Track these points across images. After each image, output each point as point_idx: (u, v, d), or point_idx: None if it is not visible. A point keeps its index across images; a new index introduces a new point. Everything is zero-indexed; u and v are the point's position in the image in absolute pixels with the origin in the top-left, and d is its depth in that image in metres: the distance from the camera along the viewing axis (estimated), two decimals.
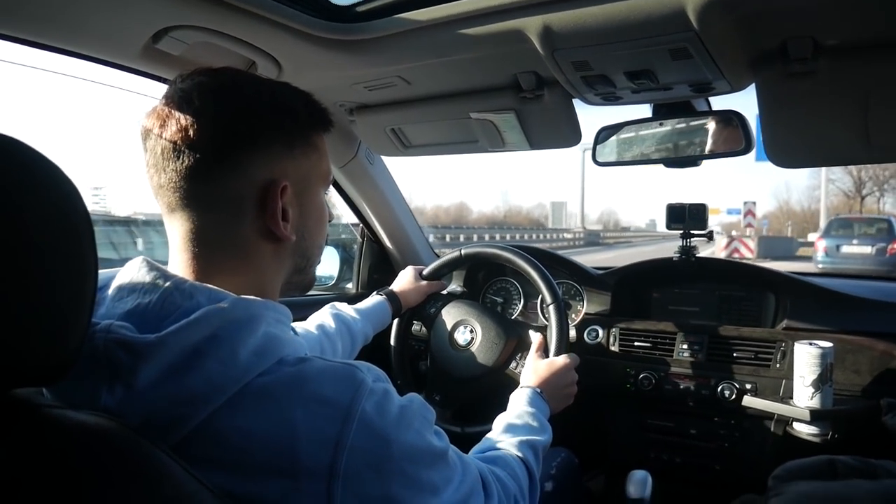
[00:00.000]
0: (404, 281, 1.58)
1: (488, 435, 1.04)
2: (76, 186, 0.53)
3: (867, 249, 13.06)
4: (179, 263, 0.70)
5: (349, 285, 2.09)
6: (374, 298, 1.49)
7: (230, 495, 0.56)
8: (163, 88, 0.73)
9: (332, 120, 0.78)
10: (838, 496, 0.44)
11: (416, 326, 1.62)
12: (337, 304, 1.38)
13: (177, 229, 0.70)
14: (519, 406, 1.13)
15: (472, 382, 1.47)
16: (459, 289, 1.71)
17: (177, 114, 0.67)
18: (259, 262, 0.72)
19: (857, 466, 0.49)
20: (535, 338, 1.45)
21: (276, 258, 0.74)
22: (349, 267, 2.09)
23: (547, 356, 1.35)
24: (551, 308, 1.40)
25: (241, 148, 0.68)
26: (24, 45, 1.04)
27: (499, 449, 0.97)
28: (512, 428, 1.05)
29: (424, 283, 1.59)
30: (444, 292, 1.64)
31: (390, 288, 1.56)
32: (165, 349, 0.59)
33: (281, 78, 1.25)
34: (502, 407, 1.20)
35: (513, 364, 1.45)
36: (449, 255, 1.60)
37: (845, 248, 13.31)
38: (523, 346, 1.47)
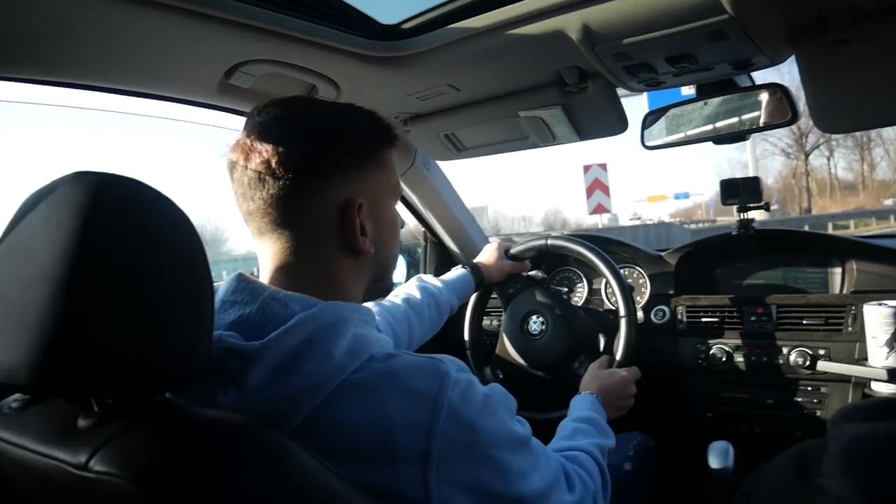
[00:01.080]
0: (489, 255, 1.62)
1: (557, 437, 1.08)
2: (186, 214, 0.62)
3: None
4: (271, 280, 0.78)
5: None
6: (458, 271, 1.54)
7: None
8: (237, 120, 0.82)
9: (396, 135, 0.85)
10: (893, 434, 0.47)
11: (487, 321, 1.66)
12: (423, 276, 1.45)
13: (266, 250, 0.78)
14: (583, 411, 1.16)
15: (535, 372, 1.53)
16: (541, 274, 1.74)
17: (258, 146, 0.74)
18: (342, 276, 0.79)
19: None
20: (601, 343, 1.49)
21: (356, 271, 0.81)
22: (416, 271, 2.17)
23: (610, 366, 1.38)
24: (623, 321, 1.43)
25: (319, 173, 0.75)
26: (104, 93, 1.16)
27: (573, 449, 1.01)
28: (580, 431, 1.09)
29: (508, 262, 1.62)
30: (525, 274, 1.68)
31: (475, 260, 1.60)
32: (269, 354, 0.67)
33: (340, 97, 1.34)
34: (557, 400, 1.24)
35: (575, 364, 1.50)
36: (536, 239, 1.64)
37: None
38: (589, 348, 1.51)
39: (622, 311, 1.45)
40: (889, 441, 0.46)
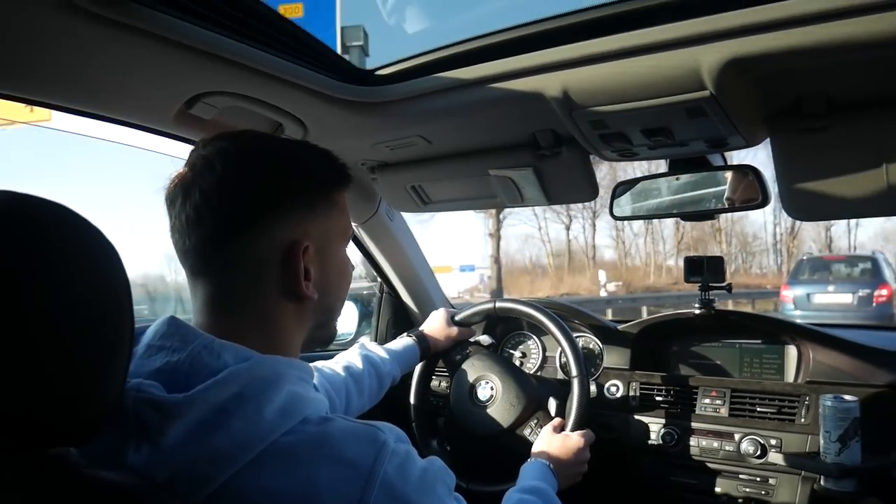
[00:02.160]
0: (435, 323, 1.58)
1: None
2: (116, 249, 0.56)
3: (847, 298, 9.91)
4: (204, 325, 0.71)
5: (366, 340, 2.10)
6: (404, 340, 1.49)
7: None
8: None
9: (351, 176, 0.81)
10: None
11: (436, 381, 1.61)
12: (367, 343, 1.39)
13: (201, 292, 0.72)
14: (531, 480, 1.13)
15: (484, 440, 1.46)
16: (488, 339, 1.70)
17: (200, 181, 0.70)
18: (282, 321, 0.74)
19: None
20: (553, 407, 1.45)
21: (297, 316, 0.75)
22: (367, 322, 2.10)
23: (563, 430, 1.35)
24: (575, 381, 1.40)
25: (265, 212, 0.71)
26: (62, 111, 1.09)
27: None
28: (525, 503, 1.06)
29: (454, 329, 1.58)
30: (472, 340, 1.64)
31: (420, 329, 1.56)
32: (193, 408, 0.61)
33: (306, 138, 1.29)
34: (509, 469, 1.20)
35: (527, 430, 1.44)
36: (482, 304, 1.61)
37: (819, 298, 10.14)
38: (541, 413, 1.46)
39: (573, 372, 1.41)
40: None
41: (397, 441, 0.68)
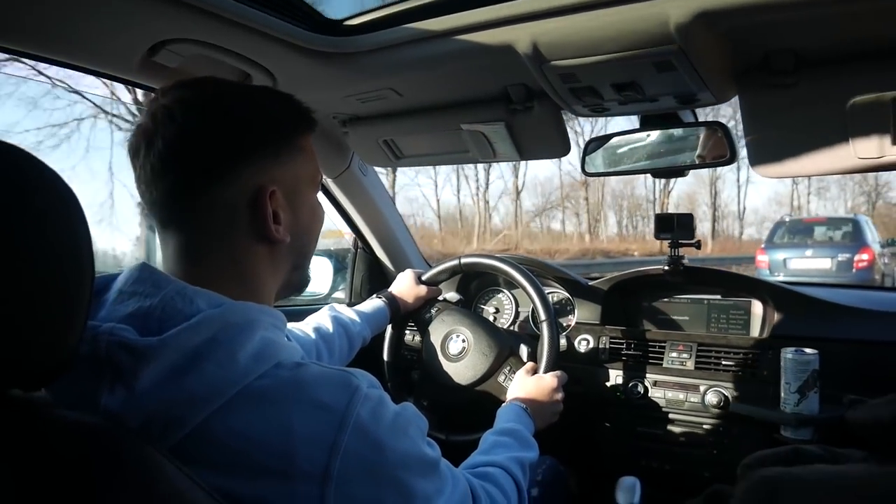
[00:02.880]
0: (403, 284, 1.59)
1: (476, 451, 1.06)
2: (73, 190, 0.55)
3: (826, 263, 9.37)
4: (176, 274, 0.71)
5: (341, 295, 2.11)
6: (373, 301, 1.50)
7: (226, 496, 0.58)
8: None
9: (315, 119, 0.80)
10: (796, 476, 0.47)
11: (409, 336, 1.63)
12: (336, 305, 1.39)
13: (171, 243, 0.72)
14: (506, 422, 1.15)
15: (460, 392, 1.49)
16: (456, 296, 1.72)
17: (162, 130, 0.69)
18: (255, 266, 0.74)
19: (820, 454, 0.51)
20: (524, 353, 1.48)
21: (272, 259, 0.76)
22: (342, 277, 2.10)
23: (536, 373, 1.37)
24: (544, 325, 1.43)
25: (229, 160, 0.70)
26: (23, 57, 1.06)
27: (488, 465, 0.99)
28: (500, 444, 1.07)
29: (423, 287, 1.60)
30: (441, 298, 1.66)
31: (389, 290, 1.57)
32: (167, 351, 0.61)
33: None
34: (487, 417, 1.22)
35: (501, 377, 1.47)
36: (448, 262, 1.62)
37: (796, 263, 9.57)
38: (513, 359, 1.49)
39: (542, 316, 1.44)
40: (785, 482, 0.45)
41: (370, 386, 0.68)
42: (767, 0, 0.84)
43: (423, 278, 1.62)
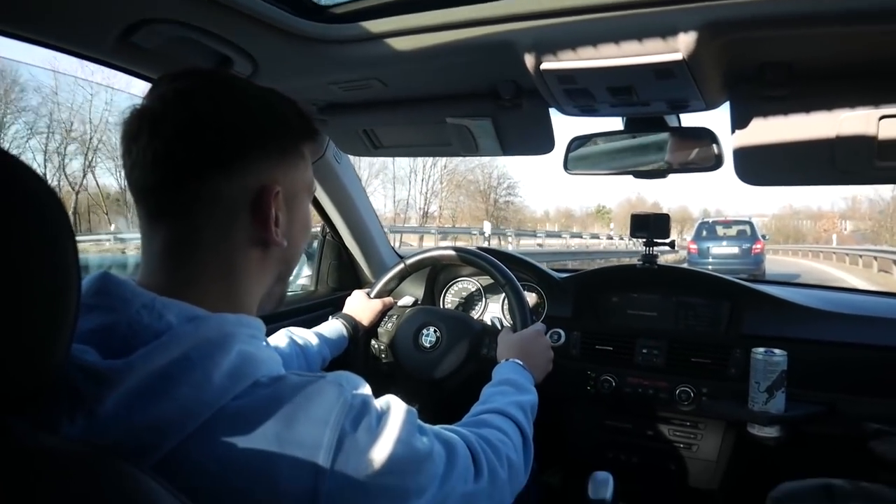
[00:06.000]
0: (355, 303, 1.56)
1: (476, 405, 1.03)
2: (57, 194, 0.50)
3: (735, 250, 14.98)
4: (156, 272, 0.67)
5: (306, 282, 2.07)
6: (330, 322, 1.47)
7: None
8: (138, 84, 0.70)
9: (318, 130, 0.78)
10: None
11: (376, 345, 1.59)
12: (292, 328, 1.34)
13: (160, 235, 0.67)
14: (501, 375, 1.13)
15: (444, 382, 1.47)
16: (411, 299, 1.70)
17: (173, 114, 0.65)
18: (245, 270, 0.71)
19: (852, 491, 0.51)
20: (499, 323, 1.48)
21: (261, 265, 0.73)
22: (309, 265, 2.06)
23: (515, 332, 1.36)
24: (507, 288, 1.44)
25: (240, 152, 0.67)
26: None
27: (486, 412, 0.97)
28: (497, 393, 1.06)
29: (376, 301, 1.58)
30: (399, 305, 1.64)
31: (344, 311, 1.54)
32: (134, 374, 0.56)
33: (257, 75, 1.21)
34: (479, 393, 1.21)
35: (483, 350, 1.46)
36: (392, 269, 1.61)
37: (715, 250, 15.11)
38: (489, 334, 1.48)
39: (501, 281, 1.46)
40: None
41: (354, 391, 0.65)
42: (773, 14, 0.84)
43: (372, 293, 1.60)
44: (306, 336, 1.33)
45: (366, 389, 0.68)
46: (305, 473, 0.58)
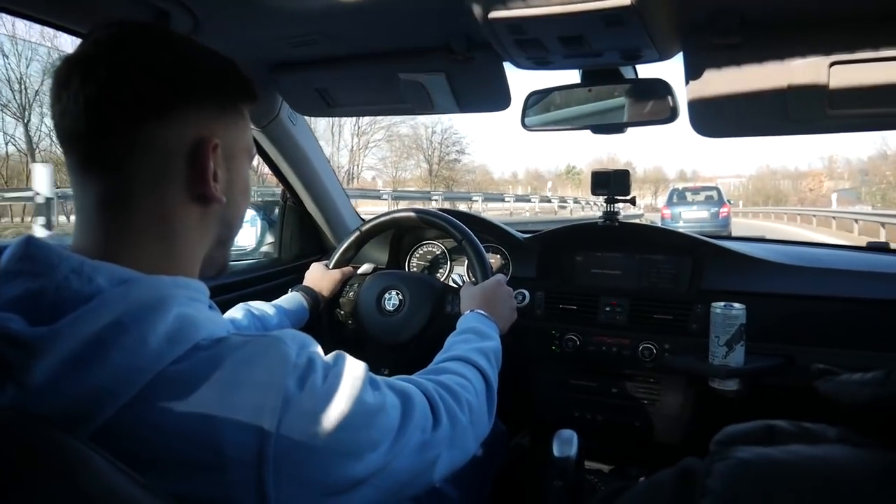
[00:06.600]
0: (314, 274, 1.55)
1: (437, 355, 1.02)
2: None
3: (704, 214, 16.33)
4: (90, 231, 0.64)
5: (269, 249, 2.03)
6: (289, 295, 1.44)
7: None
8: (68, 39, 0.66)
9: (256, 94, 0.75)
10: (779, 463, 0.47)
11: (341, 312, 1.57)
12: (251, 302, 1.31)
13: (92, 188, 0.64)
14: (464, 325, 1.13)
15: (413, 342, 1.46)
16: (370, 266, 1.68)
17: (108, 57, 0.62)
18: (184, 227, 0.67)
19: (794, 432, 0.51)
20: (460, 280, 1.50)
21: (201, 224, 0.69)
22: (271, 232, 2.02)
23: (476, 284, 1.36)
24: (464, 242, 1.45)
25: (178, 100, 0.64)
26: None
27: (447, 360, 0.96)
28: (459, 341, 1.05)
29: (335, 272, 1.56)
30: (358, 273, 1.62)
31: (303, 284, 1.52)
32: (62, 341, 0.53)
33: (198, 31, 1.16)
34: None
35: (447, 308, 1.46)
36: (348, 238, 1.59)
37: (686, 214, 16.41)
38: (453, 290, 1.49)
39: (458, 236, 1.46)
40: (770, 466, 0.45)
41: (300, 349, 0.63)
42: None
43: (330, 264, 1.58)
44: (264, 308, 1.31)
45: (313, 346, 0.66)
46: (250, 437, 0.56)
